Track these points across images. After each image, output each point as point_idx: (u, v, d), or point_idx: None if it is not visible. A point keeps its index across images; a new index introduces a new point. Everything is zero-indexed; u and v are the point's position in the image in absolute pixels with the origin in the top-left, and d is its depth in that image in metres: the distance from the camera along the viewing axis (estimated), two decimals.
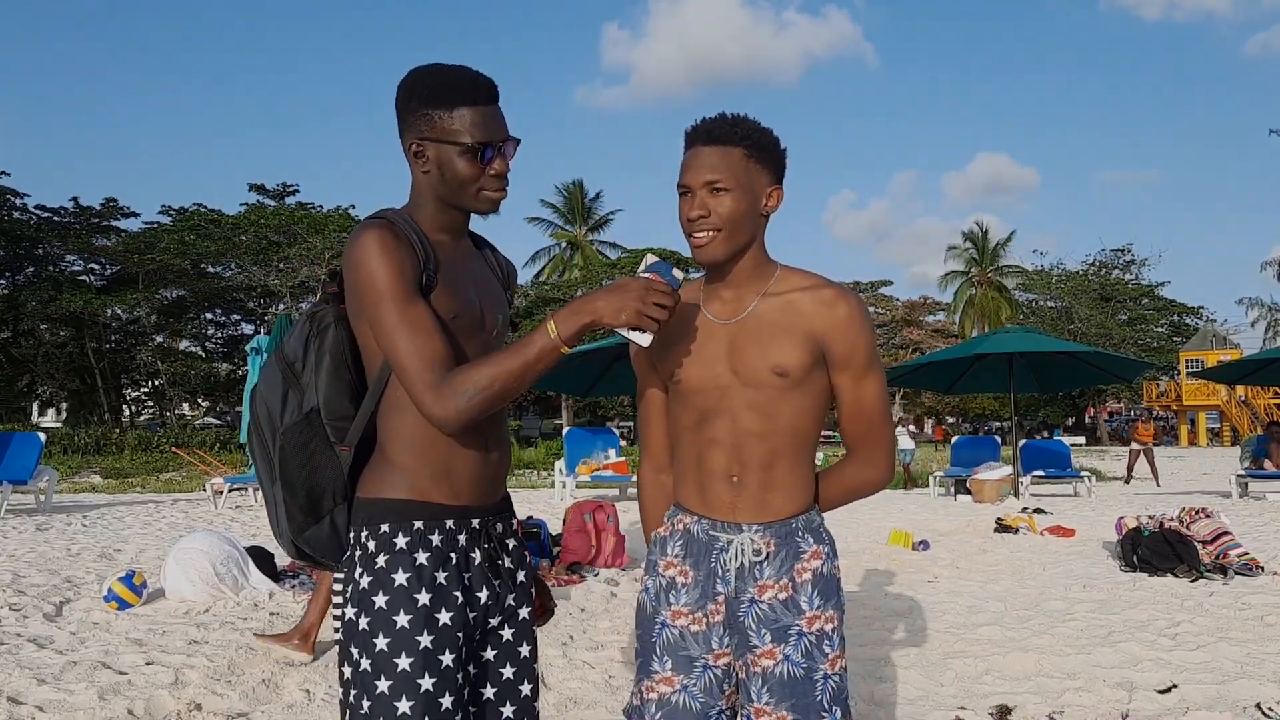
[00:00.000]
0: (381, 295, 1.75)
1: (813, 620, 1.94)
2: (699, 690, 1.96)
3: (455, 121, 1.82)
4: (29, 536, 9.62)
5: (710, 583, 1.97)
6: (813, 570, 1.96)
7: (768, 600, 1.94)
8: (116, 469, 24.95)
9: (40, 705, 4.01)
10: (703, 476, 1.98)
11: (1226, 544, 7.42)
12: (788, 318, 1.93)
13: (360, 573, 1.79)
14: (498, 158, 1.86)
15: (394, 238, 1.77)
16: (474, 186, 1.85)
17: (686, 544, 2.01)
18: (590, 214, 55.62)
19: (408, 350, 1.73)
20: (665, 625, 2.00)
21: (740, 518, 1.96)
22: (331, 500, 1.87)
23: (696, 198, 1.90)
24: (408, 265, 1.77)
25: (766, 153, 1.93)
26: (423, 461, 1.81)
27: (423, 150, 1.84)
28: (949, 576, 7.31)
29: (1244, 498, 14.33)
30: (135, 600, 5.94)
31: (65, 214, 37.63)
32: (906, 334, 53.05)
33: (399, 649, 1.74)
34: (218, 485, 13.85)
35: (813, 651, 1.93)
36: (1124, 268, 55.73)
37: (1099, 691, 4.28)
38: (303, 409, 1.85)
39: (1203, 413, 51.95)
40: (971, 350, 15.86)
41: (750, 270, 1.96)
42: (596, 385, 15.88)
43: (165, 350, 39.90)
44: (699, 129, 1.94)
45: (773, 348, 1.91)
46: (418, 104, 1.84)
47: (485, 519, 1.88)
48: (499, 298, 1.97)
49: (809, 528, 1.98)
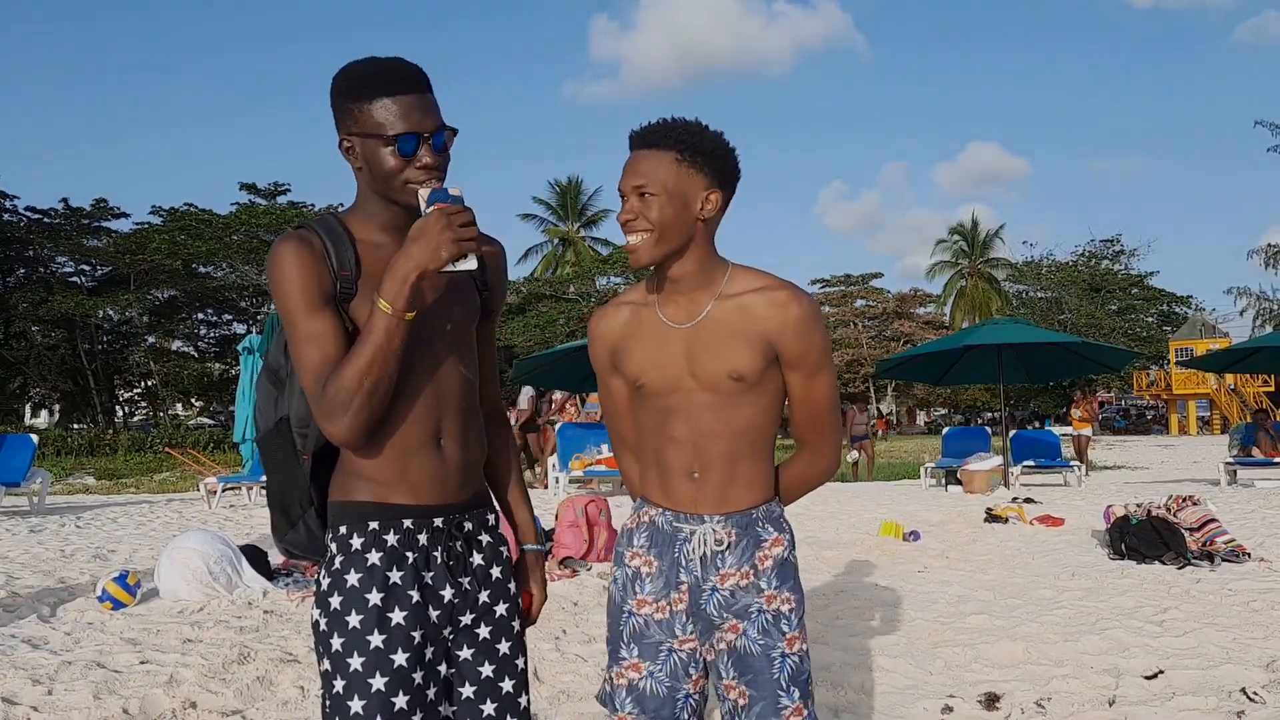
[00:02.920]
0: (286, 310, 1.74)
1: (770, 599, 2.00)
2: (664, 675, 2.03)
3: (376, 113, 1.75)
4: (22, 538, 9.62)
5: (674, 572, 2.03)
6: (773, 557, 2.02)
7: (729, 587, 2.00)
8: (110, 470, 24.91)
9: (35, 705, 4.04)
10: (664, 473, 2.03)
11: (1213, 531, 7.48)
12: (742, 321, 1.95)
13: (323, 574, 1.82)
14: (424, 149, 1.77)
15: (303, 249, 1.75)
16: (399, 179, 1.77)
17: (651, 535, 2.06)
18: (583, 210, 55.62)
19: (303, 367, 1.74)
20: (631, 614, 2.06)
21: (702, 509, 2.01)
22: (299, 507, 1.89)
23: (628, 202, 1.93)
24: (312, 277, 1.74)
25: (702, 157, 1.92)
26: (378, 465, 1.80)
27: (352, 146, 1.79)
28: (939, 566, 7.36)
29: (1232, 485, 14.42)
30: (129, 600, 5.96)
31: (55, 215, 37.50)
32: (897, 326, 53.15)
33: (351, 649, 1.75)
34: (211, 485, 13.84)
35: (770, 630, 1.99)
36: (1113, 258, 55.91)
37: (1086, 678, 4.33)
38: (278, 416, 1.87)
39: (1192, 401, 52.11)
40: (961, 342, 15.92)
41: (697, 273, 1.98)
42: (588, 380, 15.93)
43: (157, 351, 39.84)
44: (636, 132, 1.97)
45: (728, 353, 1.95)
46: (342, 99, 1.79)
47: (450, 517, 1.87)
48: (455, 289, 1.90)
49: (769, 518, 2.04)
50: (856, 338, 53.18)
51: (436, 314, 1.86)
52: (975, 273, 59.63)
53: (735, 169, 1.99)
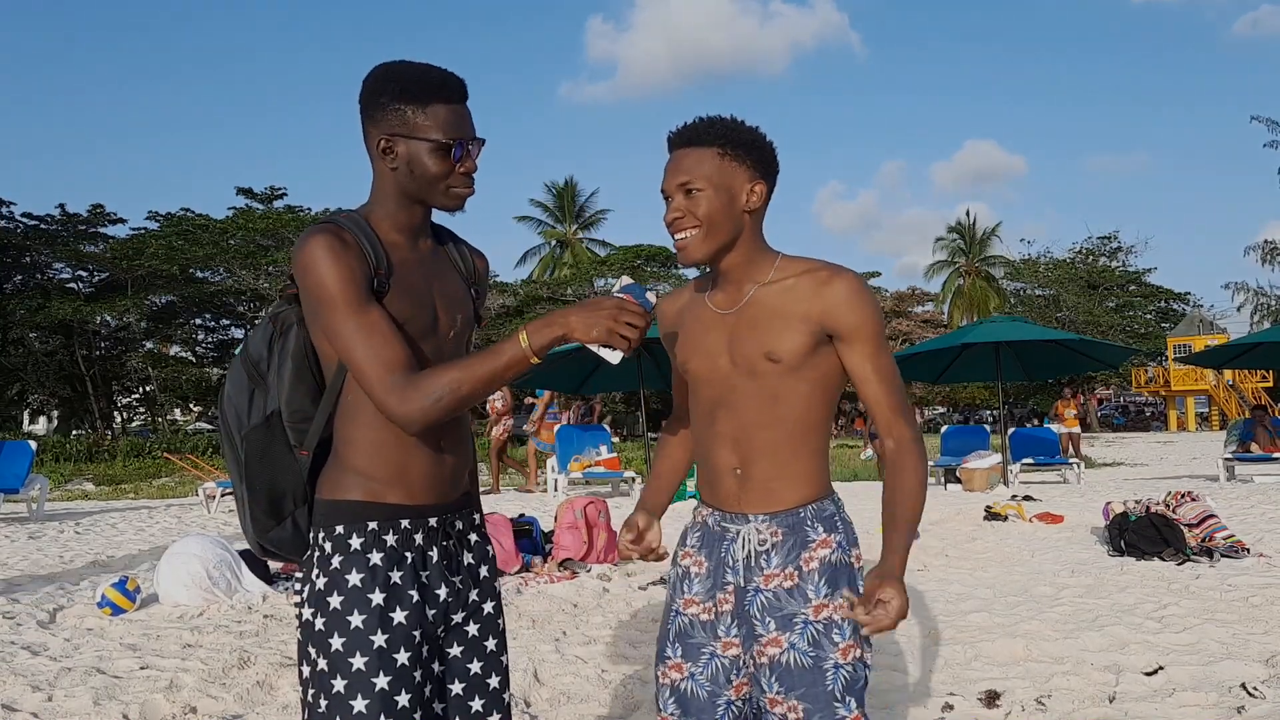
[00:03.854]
0: (334, 303, 1.74)
1: (820, 609, 1.94)
2: (705, 679, 2.00)
3: (428, 118, 1.81)
4: (21, 544, 9.61)
5: (720, 573, 2.01)
6: (820, 559, 1.96)
7: (773, 589, 1.96)
8: (108, 476, 24.85)
9: (35, 712, 4.03)
10: (712, 472, 2.04)
11: (1212, 527, 7.48)
12: (785, 303, 1.95)
13: (316, 573, 1.82)
14: (467, 156, 1.85)
15: (341, 243, 1.76)
16: (443, 184, 1.85)
17: (703, 535, 2.07)
18: (581, 212, 55.61)
19: (366, 356, 1.74)
20: (678, 613, 2.06)
21: (746, 509, 2.00)
22: (292, 503, 1.89)
23: (674, 201, 1.94)
24: (357, 271, 1.76)
25: (744, 149, 1.94)
26: (377, 463, 1.82)
27: (392, 146, 1.83)
28: (938, 564, 7.36)
29: (1231, 481, 14.42)
30: (129, 605, 5.96)
31: (52, 221, 37.41)
32: (895, 325, 53.15)
33: (354, 648, 1.76)
34: (210, 490, 13.83)
35: (820, 640, 1.93)
36: (1111, 255, 55.88)
37: (1086, 675, 4.33)
38: (265, 411, 1.85)
39: (1191, 397, 52.12)
40: (958, 340, 15.92)
41: (746, 263, 1.99)
42: (587, 382, 15.93)
43: (155, 356, 39.73)
44: (674, 133, 1.98)
45: (767, 333, 1.94)
46: (389, 99, 1.82)
47: (443, 517, 1.89)
48: (459, 297, 1.95)
49: (820, 516, 1.99)
50: None
51: (445, 316, 1.90)
52: (973, 271, 59.63)
53: (775, 160, 2.01)
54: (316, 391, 1.86)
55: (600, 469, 14.55)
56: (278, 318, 1.87)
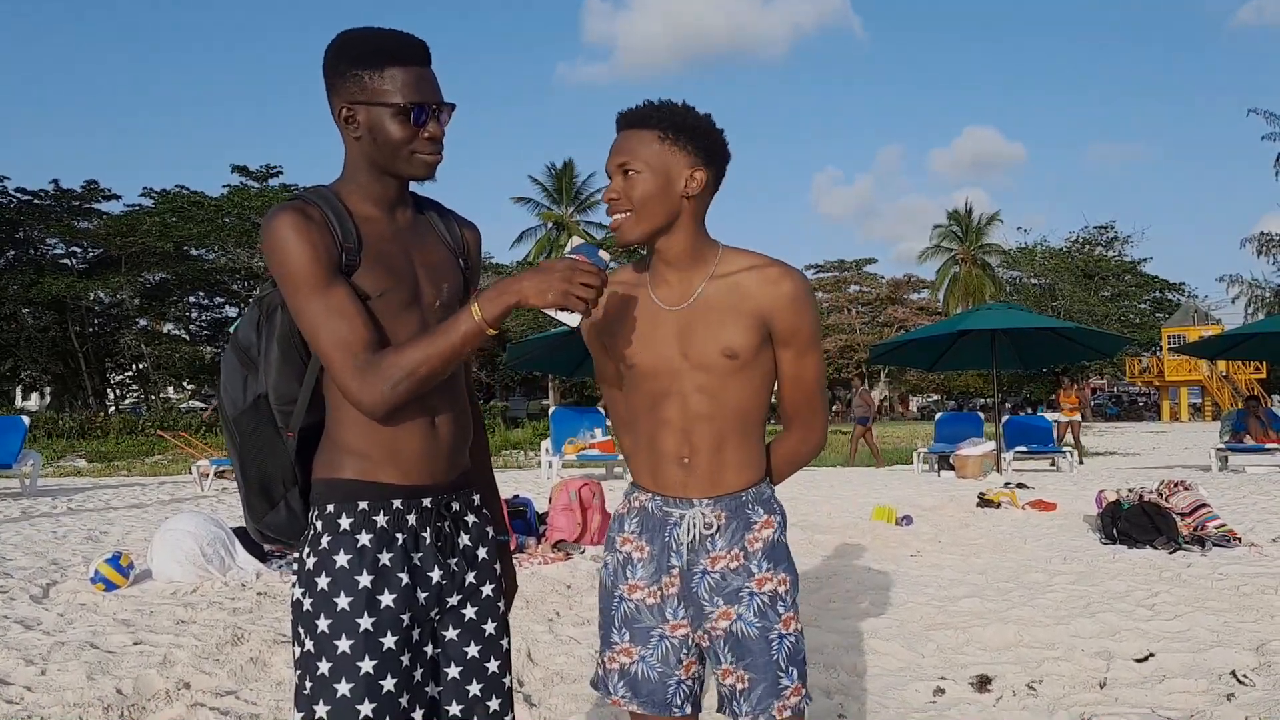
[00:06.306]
0: (297, 283, 1.71)
1: (763, 581, 1.99)
2: (656, 660, 2.03)
3: (386, 82, 1.75)
4: (14, 520, 9.61)
5: (665, 557, 2.02)
6: (763, 539, 2.01)
7: (720, 570, 1.99)
8: (101, 453, 24.88)
9: (29, 685, 4.04)
10: (655, 458, 2.02)
11: (1204, 516, 7.52)
12: (735, 299, 1.95)
13: (307, 553, 1.79)
14: (431, 120, 1.79)
15: (305, 220, 1.72)
16: (406, 149, 1.78)
17: (642, 521, 2.06)
18: (577, 194, 55.49)
19: (328, 338, 1.70)
20: (623, 599, 2.06)
21: (691, 494, 2.00)
22: (282, 486, 1.85)
23: (613, 181, 1.94)
24: (321, 248, 1.72)
25: (686, 135, 1.92)
26: (369, 442, 1.78)
27: (353, 114, 1.78)
28: (931, 551, 7.39)
29: (1224, 471, 14.49)
30: (122, 581, 5.96)
31: (46, 197, 37.28)
32: (890, 312, 53.21)
33: (339, 630, 1.73)
34: (204, 468, 13.85)
35: (766, 611, 1.98)
36: (1107, 244, 55.96)
37: (1077, 661, 4.35)
38: (254, 395, 1.83)
39: (1184, 388, 52.26)
40: (954, 327, 15.90)
41: (688, 253, 1.98)
42: (582, 365, 15.91)
43: (149, 334, 39.67)
44: (622, 114, 1.97)
45: (722, 330, 1.94)
46: (346, 66, 1.77)
47: (438, 497, 1.86)
48: (444, 267, 1.90)
49: (759, 499, 2.03)
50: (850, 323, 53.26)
51: (429, 287, 1.85)
52: (969, 259, 59.64)
53: (722, 149, 1.98)
54: (303, 373, 1.82)
55: (595, 451, 14.56)
56: (263, 301, 1.83)
